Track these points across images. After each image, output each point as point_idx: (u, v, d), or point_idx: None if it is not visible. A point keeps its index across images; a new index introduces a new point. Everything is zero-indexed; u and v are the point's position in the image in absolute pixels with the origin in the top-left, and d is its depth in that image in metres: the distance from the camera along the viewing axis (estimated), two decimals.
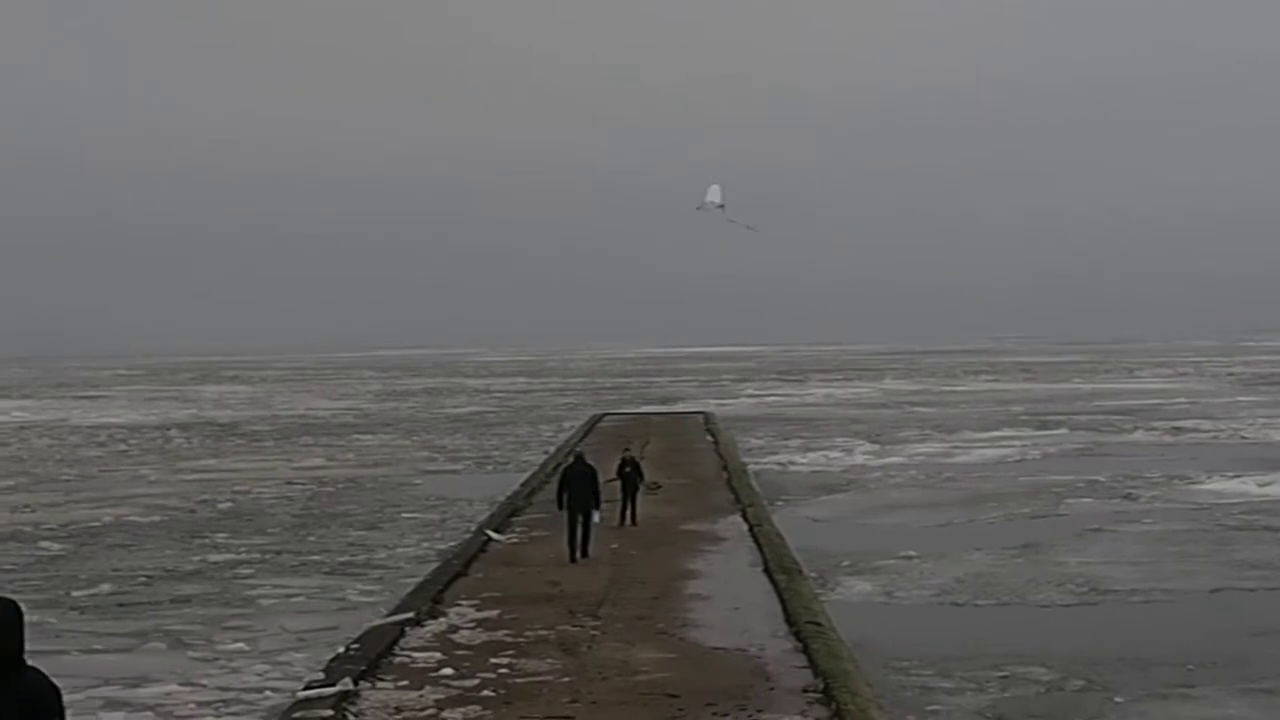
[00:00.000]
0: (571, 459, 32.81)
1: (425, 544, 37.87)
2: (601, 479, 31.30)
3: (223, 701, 20.73)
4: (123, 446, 76.14)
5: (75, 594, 30.78)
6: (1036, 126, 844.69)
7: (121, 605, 29.49)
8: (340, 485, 53.90)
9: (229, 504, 48.19)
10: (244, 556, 36.19)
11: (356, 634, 23.06)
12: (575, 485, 30.63)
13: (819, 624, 22.84)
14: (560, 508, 31.09)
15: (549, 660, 20.60)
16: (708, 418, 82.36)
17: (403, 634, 22.62)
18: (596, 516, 30.91)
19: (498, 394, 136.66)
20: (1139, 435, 72.67)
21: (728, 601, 25.50)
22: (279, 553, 36.84)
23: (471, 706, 18.02)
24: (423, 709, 18.04)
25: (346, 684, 18.90)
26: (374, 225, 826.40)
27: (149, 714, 20.19)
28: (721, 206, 53.02)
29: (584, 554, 30.59)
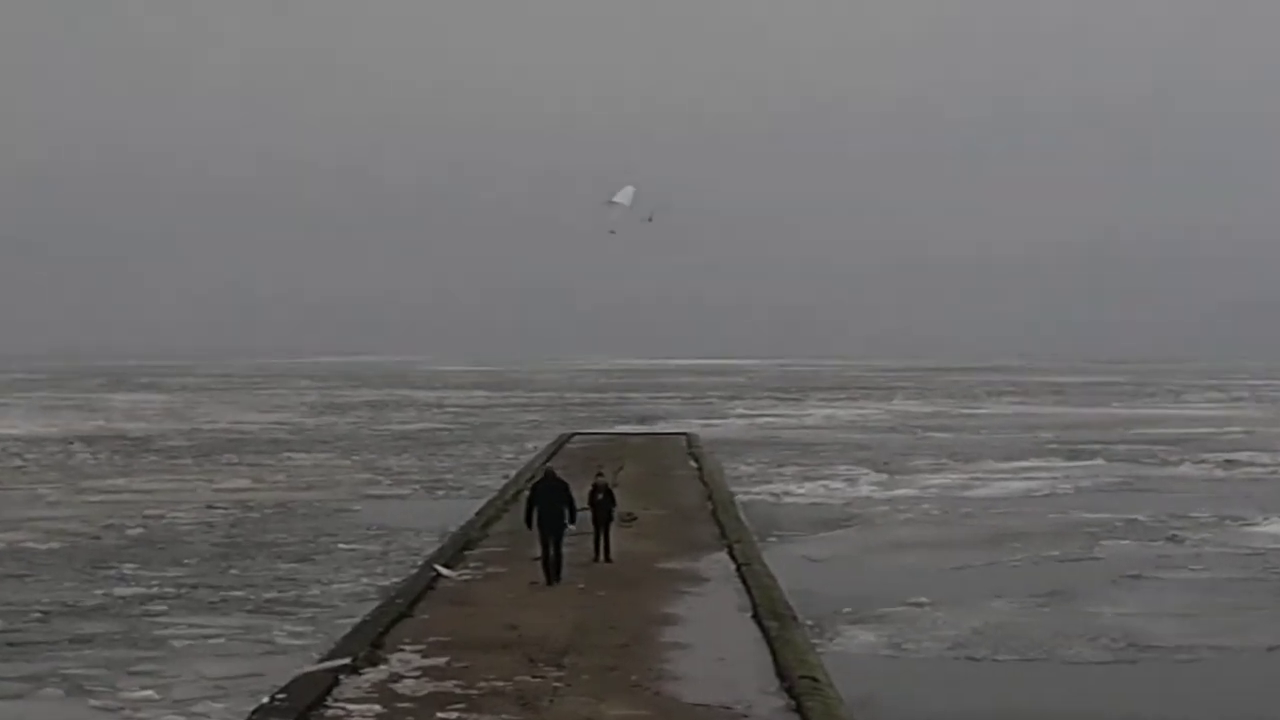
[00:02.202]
0: (541, 474, 33.62)
1: (365, 579, 37.76)
2: (576, 497, 32.37)
3: None
4: (18, 462, 75.84)
5: None
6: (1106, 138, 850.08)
7: (13, 645, 29.27)
8: (268, 511, 53.74)
9: (139, 530, 47.99)
10: (155, 591, 36.01)
11: (284, 682, 22.90)
12: (545, 502, 31.70)
13: (815, 679, 22.75)
14: (529, 526, 32.10)
15: (504, 716, 20.48)
16: (691, 440, 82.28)
17: (337, 683, 22.47)
18: (571, 528, 32.02)
19: (451, 409, 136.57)
20: (1186, 469, 72.84)
21: (711, 651, 25.39)
22: (196, 587, 36.67)
23: None
24: None
25: None
26: (313, 216, 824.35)
27: None
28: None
29: (556, 578, 31.66)
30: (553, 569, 31.76)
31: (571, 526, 32.34)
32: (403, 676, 23.15)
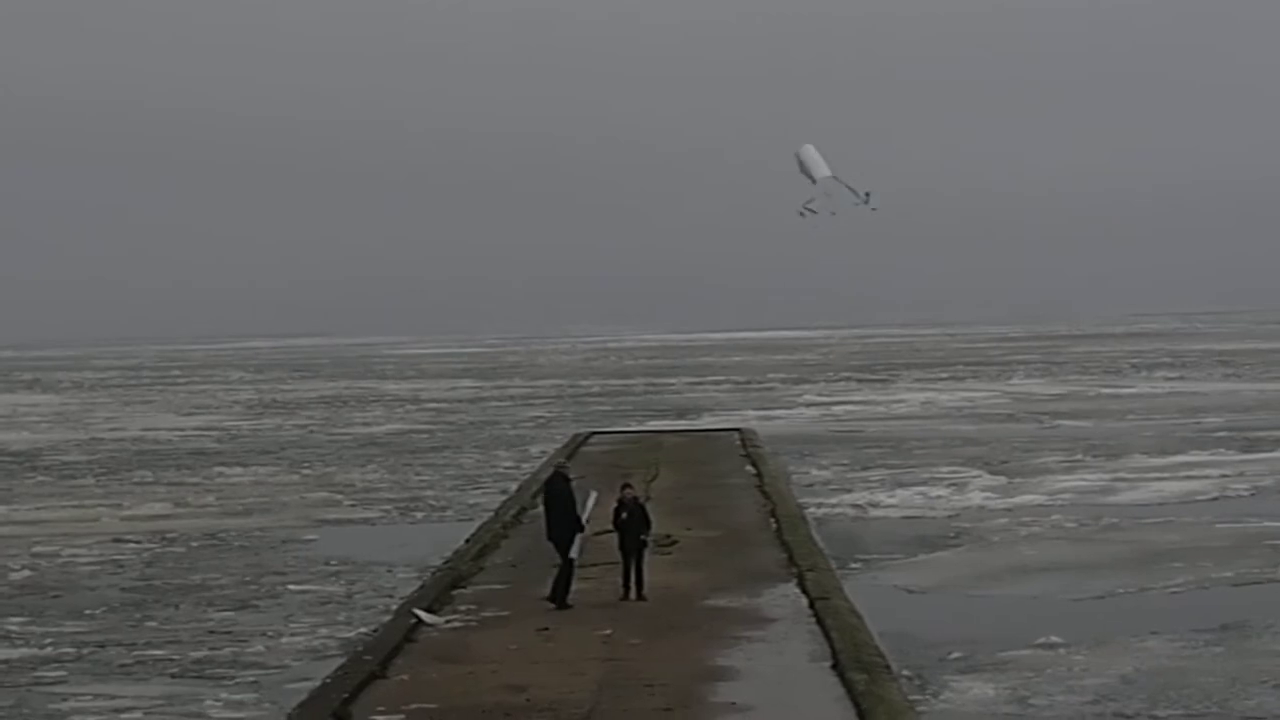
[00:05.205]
0: (550, 471, 36.13)
1: (323, 630, 37.83)
2: (584, 505, 34.34)
3: None
4: None
5: None
6: None
7: None
8: (195, 543, 53.83)
9: (26, 572, 48.13)
10: (50, 651, 36.14)
11: None
12: (551, 506, 34.46)
13: None
14: (549, 537, 34.69)
15: None
16: (746, 438, 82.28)
17: None
18: (575, 549, 33.85)
19: (430, 404, 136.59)
20: None
21: (778, 714, 25.46)
22: (103, 645, 36.79)
23: None
24: None
25: None
26: (249, 166, 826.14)
27: None
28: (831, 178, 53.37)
29: (562, 601, 34.07)
30: (559, 587, 34.01)
31: (577, 542, 33.64)
32: None
